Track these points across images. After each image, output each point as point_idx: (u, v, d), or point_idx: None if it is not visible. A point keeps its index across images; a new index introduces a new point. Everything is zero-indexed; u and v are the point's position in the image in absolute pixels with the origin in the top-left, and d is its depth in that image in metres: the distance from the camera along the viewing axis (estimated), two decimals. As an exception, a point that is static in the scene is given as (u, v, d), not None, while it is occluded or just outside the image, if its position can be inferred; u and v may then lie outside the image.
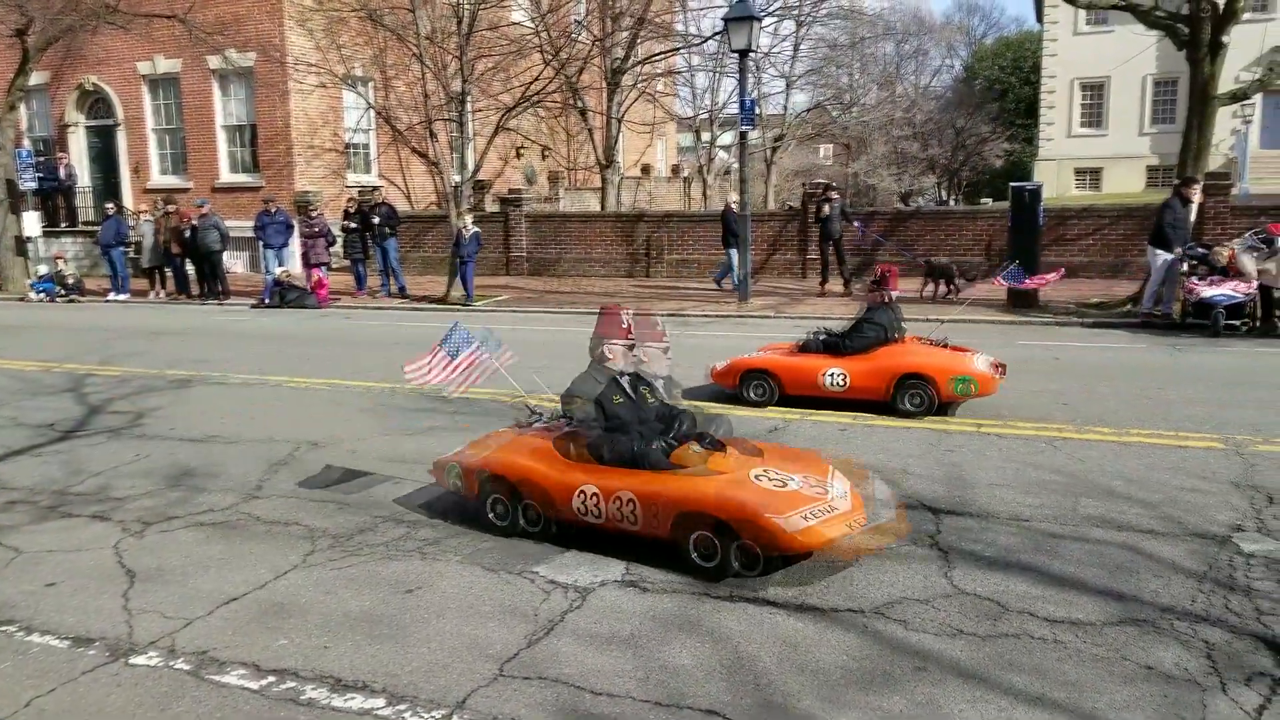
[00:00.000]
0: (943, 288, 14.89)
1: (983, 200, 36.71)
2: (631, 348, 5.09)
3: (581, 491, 4.82)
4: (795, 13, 28.69)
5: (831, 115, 39.57)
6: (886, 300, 7.93)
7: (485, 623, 4.11)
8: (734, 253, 16.45)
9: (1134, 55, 31.69)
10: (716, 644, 3.87)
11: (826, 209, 16.40)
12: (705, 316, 14.29)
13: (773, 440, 6.92)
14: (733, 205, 16.35)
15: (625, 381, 5.09)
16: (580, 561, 4.74)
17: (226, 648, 3.96)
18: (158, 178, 23.20)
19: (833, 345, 7.88)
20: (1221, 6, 12.91)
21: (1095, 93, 37.34)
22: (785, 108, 34.84)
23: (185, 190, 22.09)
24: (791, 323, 13.40)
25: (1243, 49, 25.51)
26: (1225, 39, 12.99)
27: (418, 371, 6.10)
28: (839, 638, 3.90)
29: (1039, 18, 40.89)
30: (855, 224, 17.00)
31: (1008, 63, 47.42)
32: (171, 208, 18.49)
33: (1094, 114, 37.62)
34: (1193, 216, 13.05)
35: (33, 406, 8.77)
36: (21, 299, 18.82)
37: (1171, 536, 4.89)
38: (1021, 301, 13.55)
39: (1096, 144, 37.09)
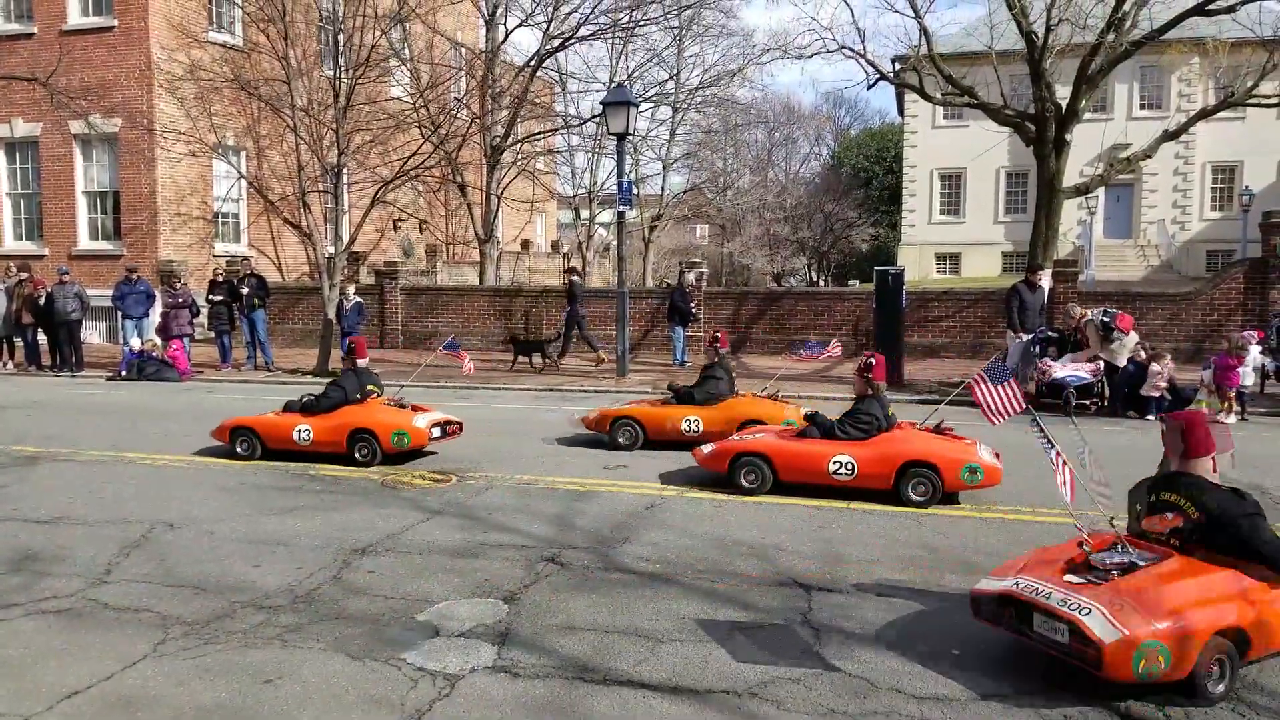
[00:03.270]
0: (536, 359, 16.76)
1: (850, 282, 38.63)
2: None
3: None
4: (671, 99, 29.97)
5: (707, 197, 41.18)
6: (353, 367, 9.46)
7: (349, 714, 3.95)
8: (679, 330, 16.88)
9: (987, 149, 34.35)
10: (590, 729, 3.83)
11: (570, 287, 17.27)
12: (583, 391, 14.37)
13: (648, 516, 7.02)
14: (686, 284, 17.37)
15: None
16: (450, 647, 4.63)
17: (63, 751, 3.67)
18: (10, 243, 21.87)
19: (308, 406, 9.23)
20: (1064, 107, 14.18)
21: (953, 182, 40.13)
22: (662, 189, 36.08)
23: (40, 257, 20.90)
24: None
25: (1085, 146, 28.03)
26: (1069, 137, 14.29)
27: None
28: (713, 720, 3.91)
29: (900, 111, 43.90)
30: (574, 309, 17.26)
31: (872, 152, 50.56)
32: (25, 274, 17.41)
33: (952, 202, 40.36)
34: (1043, 300, 14.05)
35: None
36: None
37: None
38: (890, 382, 14.18)
39: (955, 230, 39.74)
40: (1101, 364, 12.12)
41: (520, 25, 24.23)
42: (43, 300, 16.59)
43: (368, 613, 5.08)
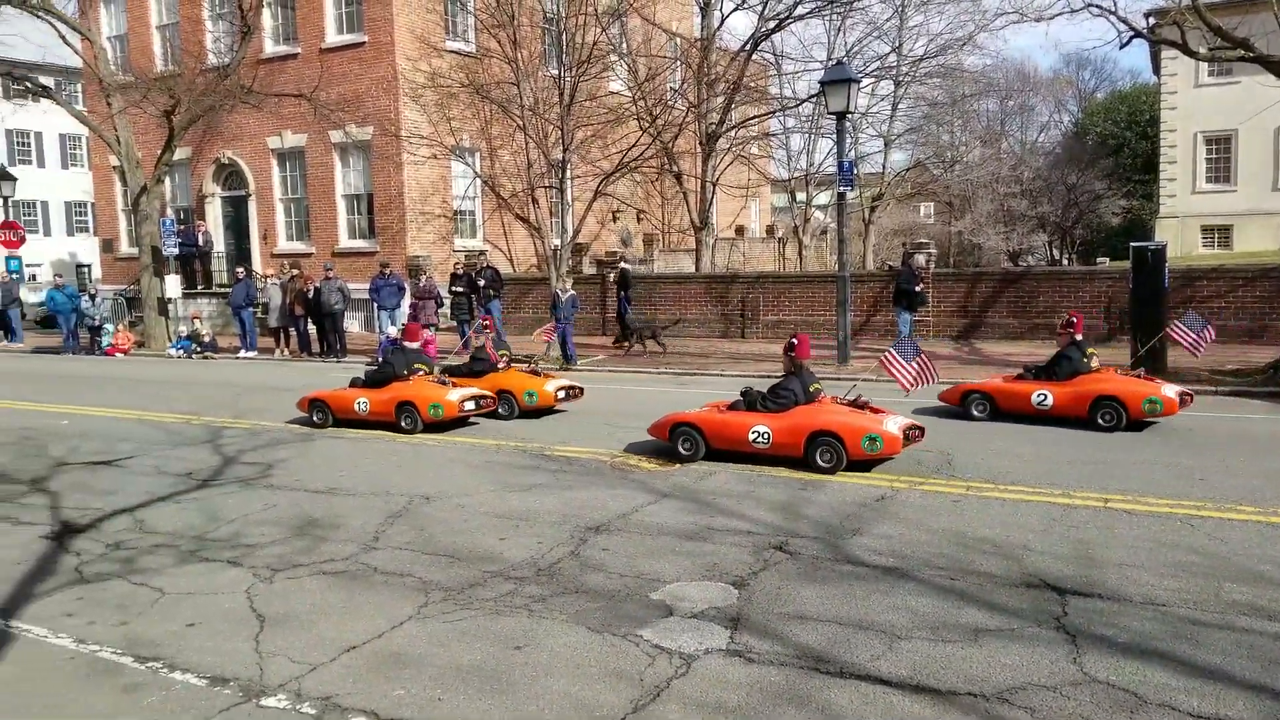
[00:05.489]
0: (649, 343, 17.60)
1: (1099, 260, 35.33)
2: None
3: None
4: (893, 73, 28.70)
5: (932, 173, 39.16)
6: (403, 348, 11.04)
7: (592, 684, 4.12)
8: (906, 315, 16.33)
9: (1264, 108, 30.24)
10: (828, 721, 3.77)
11: (612, 275, 18.36)
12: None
13: (879, 507, 6.80)
14: (915, 266, 16.98)
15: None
16: (685, 628, 4.71)
17: (348, 695, 4.09)
18: (284, 243, 24.62)
19: (365, 382, 10.86)
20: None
21: (1221, 146, 35.70)
22: (884, 166, 34.66)
23: (308, 255, 23.36)
24: (889, 385, 13.13)
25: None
26: (1370, 90, 12.24)
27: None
28: (959, 723, 3.73)
29: (1155, 70, 39.65)
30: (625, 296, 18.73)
31: (1122, 117, 46.01)
32: (297, 271, 19.57)
33: (1220, 169, 35.91)
34: None
35: (174, 456, 9.34)
36: (163, 356, 20.17)
37: (1333, 629, 4.48)
38: (1149, 368, 12.90)
39: (1224, 200, 35.33)
40: None
41: (736, 9, 24.15)
42: (311, 294, 18.60)
43: (604, 588, 5.28)
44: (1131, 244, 13.49)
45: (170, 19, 25.56)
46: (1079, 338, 9.99)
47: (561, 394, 11.12)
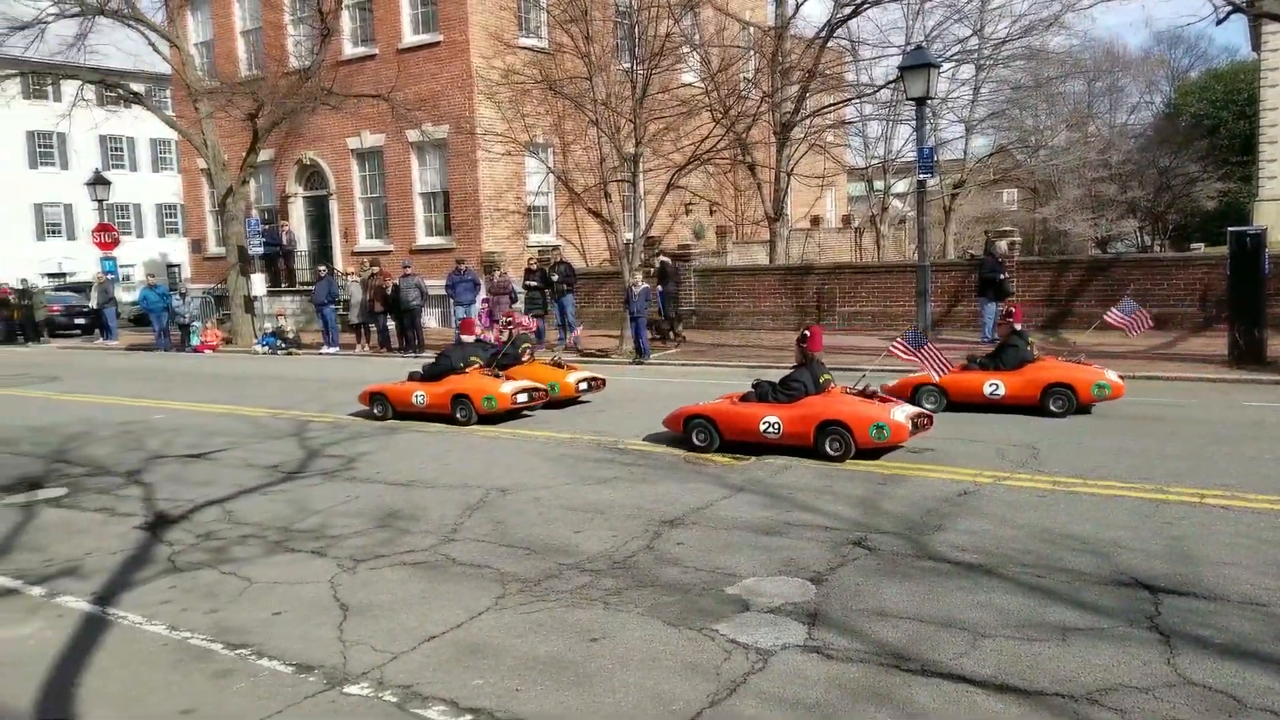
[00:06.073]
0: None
1: (1194, 245, 33.77)
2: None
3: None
4: (974, 57, 27.89)
5: (1016, 159, 37.97)
6: (459, 341, 11.52)
7: (668, 677, 4.11)
8: (991, 305, 15.94)
9: (1371, 82, 28.51)
10: (909, 720, 3.69)
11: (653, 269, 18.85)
12: (882, 371, 13.85)
13: (962, 503, 6.63)
14: (998, 253, 16.62)
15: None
16: (761, 622, 4.66)
17: (428, 684, 4.17)
18: (364, 241, 25.22)
19: (423, 375, 11.13)
20: None
21: (1326, 125, 33.71)
22: (965, 153, 33.71)
23: (387, 253, 23.86)
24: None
25: None
26: None
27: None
28: (1047, 725, 3.61)
29: (1255, 46, 37.62)
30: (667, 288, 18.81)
31: (1218, 96, 43.85)
32: (376, 269, 20.05)
33: (1325, 149, 33.92)
34: None
35: (262, 449, 9.66)
36: (249, 352, 20.92)
37: None
38: (1248, 359, 12.31)
39: (1329, 181, 33.38)
40: None
41: (810, -3, 23.78)
42: (390, 291, 19.02)
43: (679, 582, 5.26)
44: (1229, 229, 12.87)
45: (253, 24, 26.41)
46: (1019, 327, 10.31)
47: (583, 385, 11.47)
